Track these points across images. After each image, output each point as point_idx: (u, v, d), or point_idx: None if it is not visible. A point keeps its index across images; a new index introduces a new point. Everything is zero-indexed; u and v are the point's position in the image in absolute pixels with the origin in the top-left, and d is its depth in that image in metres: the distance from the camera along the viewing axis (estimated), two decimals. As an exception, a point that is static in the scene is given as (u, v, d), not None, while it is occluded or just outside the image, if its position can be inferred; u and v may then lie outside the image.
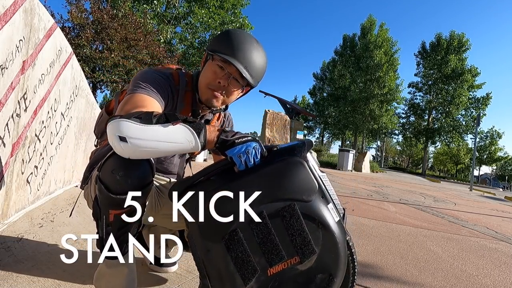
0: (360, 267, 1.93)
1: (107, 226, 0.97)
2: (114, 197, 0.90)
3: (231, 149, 0.88)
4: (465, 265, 2.22)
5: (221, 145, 0.89)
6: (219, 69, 1.11)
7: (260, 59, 1.13)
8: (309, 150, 0.93)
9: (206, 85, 1.14)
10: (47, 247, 1.57)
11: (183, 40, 16.36)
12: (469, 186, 15.26)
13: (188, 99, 1.21)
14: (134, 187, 0.90)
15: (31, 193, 2.09)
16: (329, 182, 0.97)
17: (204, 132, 0.86)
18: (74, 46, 6.81)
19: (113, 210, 0.93)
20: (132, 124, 0.80)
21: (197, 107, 1.23)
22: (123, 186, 0.88)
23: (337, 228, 0.87)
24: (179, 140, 0.83)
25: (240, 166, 0.86)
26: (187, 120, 0.86)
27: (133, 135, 0.80)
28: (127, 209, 0.93)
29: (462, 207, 6.06)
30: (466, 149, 42.37)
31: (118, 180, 0.88)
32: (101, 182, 0.91)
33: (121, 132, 0.80)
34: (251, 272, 0.82)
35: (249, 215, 0.83)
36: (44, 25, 1.95)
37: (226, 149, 0.89)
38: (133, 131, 0.80)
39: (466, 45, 31.18)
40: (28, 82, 1.79)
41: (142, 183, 0.92)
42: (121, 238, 1.00)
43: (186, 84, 1.21)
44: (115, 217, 0.94)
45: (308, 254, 0.83)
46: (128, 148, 0.81)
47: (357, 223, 3.22)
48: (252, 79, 1.12)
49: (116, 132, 0.80)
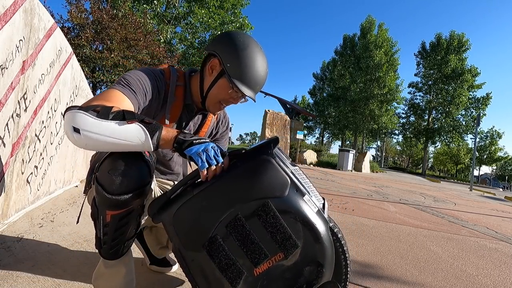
0: (360, 267, 1.93)
1: (105, 227, 0.96)
2: (110, 198, 0.89)
3: (189, 149, 0.89)
4: (465, 265, 2.22)
5: (179, 145, 0.90)
6: (235, 94, 1.16)
7: (266, 75, 1.18)
8: (276, 147, 0.94)
9: (218, 100, 1.20)
10: (47, 247, 1.57)
11: (183, 40, 16.36)
12: (469, 186, 15.27)
13: (180, 93, 1.22)
14: (131, 188, 0.89)
15: (31, 193, 2.09)
16: (304, 175, 0.97)
17: (158, 134, 0.88)
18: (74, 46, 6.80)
19: (110, 210, 0.93)
20: (87, 117, 0.82)
21: (192, 102, 1.25)
22: (119, 187, 0.88)
23: (317, 217, 0.88)
24: (131, 138, 0.85)
25: (202, 165, 0.87)
26: (143, 120, 0.87)
27: (86, 127, 0.82)
28: (124, 210, 0.93)
29: (462, 207, 6.06)
30: (466, 149, 42.39)
31: (114, 181, 0.88)
32: (98, 183, 0.91)
33: (75, 123, 0.82)
34: (237, 275, 0.83)
35: (225, 220, 0.84)
36: (44, 25, 1.95)
37: (184, 149, 0.90)
38: (87, 124, 0.82)
39: (466, 45, 31.17)
40: (28, 82, 1.79)
41: (139, 184, 0.91)
42: (119, 239, 1.00)
43: (177, 78, 1.23)
44: (112, 217, 0.94)
45: (291, 249, 0.84)
46: (81, 140, 0.83)
47: (357, 223, 3.22)
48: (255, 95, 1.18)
49: (71, 122, 0.82)
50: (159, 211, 0.90)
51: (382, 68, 29.20)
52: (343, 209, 3.93)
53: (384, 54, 29.86)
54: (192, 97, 1.25)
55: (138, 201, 0.94)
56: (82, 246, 1.65)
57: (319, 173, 10.99)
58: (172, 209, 0.88)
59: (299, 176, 0.93)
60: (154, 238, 1.47)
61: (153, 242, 1.47)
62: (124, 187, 0.88)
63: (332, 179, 9.04)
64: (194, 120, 1.31)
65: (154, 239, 1.47)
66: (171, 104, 1.20)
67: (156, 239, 1.47)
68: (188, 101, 1.24)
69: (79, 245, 1.66)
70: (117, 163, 0.89)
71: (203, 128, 1.34)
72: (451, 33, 31.63)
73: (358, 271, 1.86)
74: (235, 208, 0.84)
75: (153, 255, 1.48)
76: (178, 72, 1.25)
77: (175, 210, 0.87)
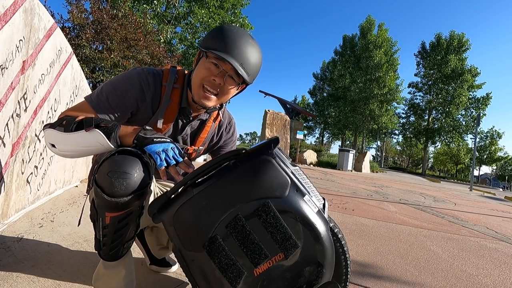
0: (360, 267, 1.93)
1: (104, 229, 0.96)
2: (110, 200, 0.88)
3: (149, 146, 0.94)
4: (465, 265, 2.22)
5: (139, 141, 0.95)
6: (213, 67, 1.08)
7: (256, 55, 1.12)
8: (276, 147, 0.94)
9: (199, 82, 1.11)
10: (47, 247, 1.57)
11: (183, 40, 16.34)
12: (469, 186, 15.27)
13: (176, 96, 1.18)
14: (130, 189, 0.89)
15: (31, 193, 2.09)
16: (304, 175, 0.97)
17: (115, 134, 0.95)
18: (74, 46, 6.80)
19: (109, 212, 0.92)
20: (56, 133, 0.96)
21: (188, 105, 1.20)
22: (118, 189, 0.87)
23: (317, 218, 0.88)
24: (93, 144, 0.94)
25: (159, 164, 0.93)
26: (99, 125, 0.95)
27: (58, 142, 0.97)
28: (124, 212, 0.93)
29: (462, 207, 6.06)
30: (466, 149, 42.39)
31: (113, 183, 0.87)
32: (97, 185, 0.91)
33: (49, 139, 0.97)
34: (237, 275, 0.83)
35: (225, 220, 0.84)
36: (44, 25, 1.95)
37: (144, 146, 0.94)
38: (58, 139, 0.96)
39: (466, 45, 31.21)
40: (28, 82, 1.79)
41: (139, 186, 0.90)
42: (118, 240, 1.00)
43: (175, 80, 1.19)
44: (111, 219, 0.94)
45: (291, 249, 0.84)
46: (59, 153, 0.98)
47: (357, 223, 3.22)
48: (248, 76, 1.11)
49: (47, 139, 0.98)
50: (159, 211, 0.90)
51: (382, 68, 29.25)
52: (343, 209, 3.93)
53: (384, 54, 29.92)
54: (188, 100, 1.20)
55: (138, 202, 0.94)
56: (82, 246, 1.65)
57: (319, 173, 10.99)
58: (172, 209, 0.88)
59: (299, 176, 0.93)
60: (154, 239, 1.47)
61: (153, 242, 1.47)
62: (123, 189, 0.88)
63: (332, 179, 9.04)
64: (192, 124, 1.26)
65: (155, 239, 1.47)
66: (166, 107, 1.17)
67: (157, 240, 1.47)
68: (184, 104, 1.19)
69: (79, 245, 1.66)
70: (116, 165, 0.88)
71: (202, 134, 1.29)
72: (451, 33, 31.68)
73: (358, 271, 1.86)
74: (235, 208, 0.84)
75: (153, 255, 1.48)
76: (178, 74, 1.21)
77: (175, 210, 0.87)
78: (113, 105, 1.09)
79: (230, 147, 1.46)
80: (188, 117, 1.24)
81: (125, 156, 0.90)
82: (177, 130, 1.24)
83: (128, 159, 0.90)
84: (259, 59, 1.14)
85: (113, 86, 1.11)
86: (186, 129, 1.25)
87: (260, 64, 1.16)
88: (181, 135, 1.26)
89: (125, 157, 0.90)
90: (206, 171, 0.90)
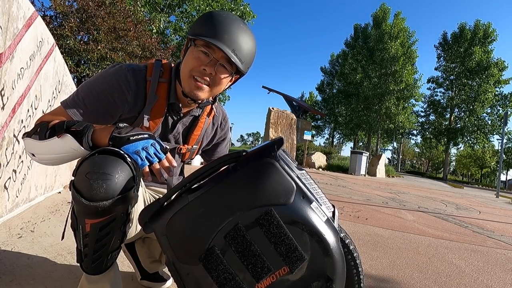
0: (375, 282, 1.92)
1: (85, 237, 0.94)
2: (88, 205, 0.86)
3: (126, 146, 0.94)
4: (491, 280, 2.21)
5: (115, 141, 0.94)
6: (203, 55, 1.08)
7: (249, 41, 1.11)
8: (280, 149, 0.93)
9: (188, 73, 1.11)
10: (27, 260, 1.58)
11: (177, 30, 16.36)
12: (496, 192, 15.20)
13: (163, 91, 1.18)
14: (110, 193, 0.87)
15: (9, 200, 2.09)
16: (311, 180, 0.97)
17: (86, 137, 0.95)
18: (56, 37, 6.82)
19: (89, 219, 0.90)
20: (33, 142, 1.00)
21: (177, 100, 1.20)
22: (97, 192, 0.85)
23: (326, 227, 0.87)
24: (67, 150, 0.96)
25: (142, 164, 0.93)
26: (69, 129, 0.96)
27: (35, 151, 1.01)
28: (105, 218, 0.91)
29: (488, 216, 6.04)
30: (492, 151, 42.22)
31: (92, 185, 0.85)
32: (74, 188, 0.89)
33: (28, 149, 1.02)
34: None
35: (223, 230, 0.83)
36: (24, 13, 1.96)
37: (121, 146, 0.93)
38: (35, 148, 1.01)
39: (493, 35, 31.12)
40: (5, 77, 1.80)
41: (121, 189, 0.89)
42: (101, 251, 0.98)
43: (161, 74, 1.19)
44: (91, 226, 0.92)
45: (297, 262, 0.83)
46: (39, 162, 1.03)
47: (371, 233, 3.21)
48: (242, 64, 1.10)
49: (27, 149, 1.03)
50: (150, 219, 0.89)
51: (399, 61, 29.17)
52: (355, 218, 3.93)
53: (400, 45, 29.85)
54: (177, 95, 1.20)
55: (121, 208, 0.92)
56: (65, 259, 1.65)
57: (329, 178, 10.98)
58: (165, 217, 0.87)
59: (306, 181, 0.93)
60: (146, 250, 1.46)
61: (145, 254, 1.46)
62: (103, 192, 0.86)
63: (343, 184, 9.03)
64: (183, 121, 1.26)
65: (146, 251, 1.46)
66: (153, 104, 1.17)
67: (149, 252, 1.46)
68: (173, 99, 1.19)
69: (62, 257, 1.67)
70: (96, 165, 0.87)
71: (195, 131, 1.30)
72: (476, 22, 31.59)
73: (372, 287, 1.85)
74: (235, 216, 0.84)
75: (144, 269, 1.48)
76: (163, 67, 1.21)
77: (169, 219, 0.87)
78: (91, 108, 1.10)
79: (225, 144, 1.49)
80: (179, 113, 1.24)
81: (106, 156, 0.89)
82: (167, 128, 1.24)
83: (109, 159, 0.88)
84: (252, 46, 1.14)
85: (90, 88, 1.12)
86: (177, 126, 1.25)
87: (254, 51, 1.16)
88: (172, 133, 1.26)
89: (106, 157, 0.88)
90: (203, 175, 0.90)
